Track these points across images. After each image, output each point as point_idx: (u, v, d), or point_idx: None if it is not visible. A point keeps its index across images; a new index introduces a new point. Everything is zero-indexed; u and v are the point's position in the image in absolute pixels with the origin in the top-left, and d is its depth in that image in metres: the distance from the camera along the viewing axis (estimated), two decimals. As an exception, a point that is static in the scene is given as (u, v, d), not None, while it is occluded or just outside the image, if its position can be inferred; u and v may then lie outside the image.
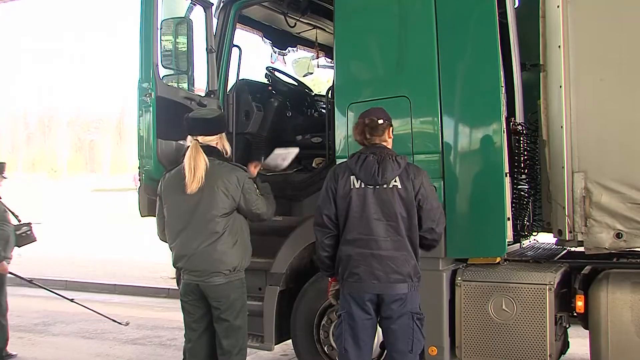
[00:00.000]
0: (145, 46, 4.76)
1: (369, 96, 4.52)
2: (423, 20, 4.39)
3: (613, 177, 4.06)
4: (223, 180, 3.93)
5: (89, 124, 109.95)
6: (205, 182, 3.89)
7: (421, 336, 3.69)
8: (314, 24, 6.20)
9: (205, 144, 4.00)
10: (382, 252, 3.61)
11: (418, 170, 3.72)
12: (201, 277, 3.97)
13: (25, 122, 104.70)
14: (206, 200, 3.92)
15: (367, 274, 3.62)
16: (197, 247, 3.94)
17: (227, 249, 3.95)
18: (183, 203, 3.98)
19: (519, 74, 4.57)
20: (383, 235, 3.62)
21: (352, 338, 3.69)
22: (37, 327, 7.72)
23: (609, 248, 4.11)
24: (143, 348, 6.70)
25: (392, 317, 3.63)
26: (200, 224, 3.94)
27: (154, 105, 4.68)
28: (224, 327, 4.03)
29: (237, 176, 3.98)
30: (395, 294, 3.61)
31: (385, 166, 3.64)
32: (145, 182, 4.82)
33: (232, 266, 3.97)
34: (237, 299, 4.05)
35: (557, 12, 4.17)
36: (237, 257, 3.99)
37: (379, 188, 3.64)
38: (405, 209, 3.63)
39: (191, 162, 3.90)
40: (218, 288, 3.97)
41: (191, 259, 3.97)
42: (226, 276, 3.96)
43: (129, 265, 12.12)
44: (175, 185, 4.00)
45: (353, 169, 3.70)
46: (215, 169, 3.95)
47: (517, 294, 4.21)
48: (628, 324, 4.03)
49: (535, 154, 4.60)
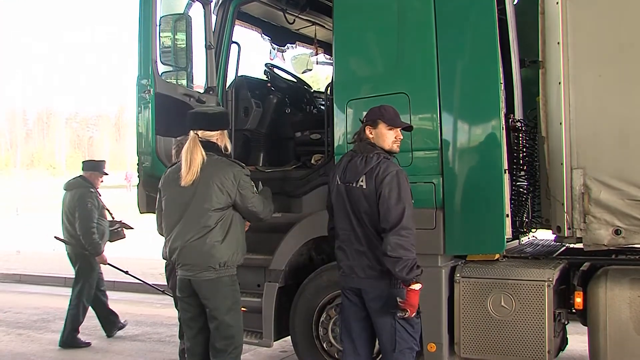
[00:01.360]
0: (144, 43, 4.76)
1: (367, 93, 4.52)
2: (422, 16, 4.38)
3: (612, 174, 4.06)
4: (219, 175, 3.91)
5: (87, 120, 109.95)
6: (200, 175, 3.87)
7: (408, 335, 3.64)
8: (313, 20, 6.19)
9: (205, 139, 3.98)
10: (360, 248, 3.70)
11: (385, 170, 3.60)
12: (192, 272, 3.94)
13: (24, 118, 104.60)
14: (200, 193, 3.89)
15: (348, 268, 3.75)
16: (188, 239, 3.92)
17: (216, 243, 3.91)
18: (178, 196, 3.97)
19: (518, 70, 4.56)
20: (359, 231, 3.69)
21: (346, 330, 3.82)
22: (36, 324, 7.72)
23: (607, 244, 4.11)
24: (142, 344, 6.70)
25: (373, 314, 3.70)
26: (193, 217, 3.92)
27: (153, 101, 4.69)
28: (214, 325, 3.97)
29: (233, 172, 3.95)
30: (372, 290, 3.67)
31: (354, 165, 3.71)
32: (144, 179, 4.83)
33: (221, 261, 3.92)
34: (227, 296, 3.99)
35: (556, 8, 4.16)
36: (226, 252, 3.94)
37: (349, 186, 3.72)
38: (369, 207, 3.64)
39: (188, 155, 3.88)
40: (207, 283, 3.92)
41: (182, 251, 3.95)
42: (216, 271, 3.91)
43: (128, 261, 12.09)
44: (173, 179, 4.00)
45: (337, 167, 3.85)
46: (212, 163, 3.92)
47: (516, 291, 4.21)
48: (627, 321, 4.03)
49: (534, 150, 4.59)
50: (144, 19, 4.75)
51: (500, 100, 4.19)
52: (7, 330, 7.41)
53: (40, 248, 14.44)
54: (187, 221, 3.94)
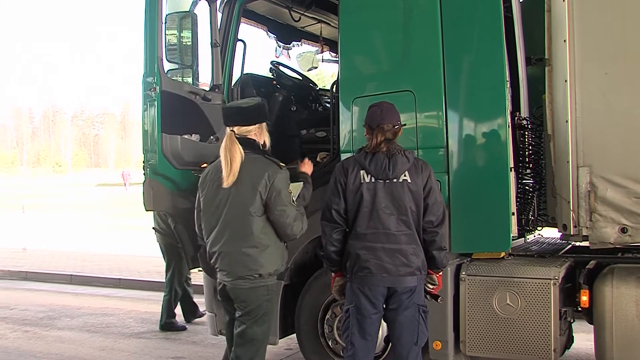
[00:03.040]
0: (149, 40, 4.76)
1: (373, 90, 4.51)
2: (428, 14, 4.37)
3: (618, 172, 4.05)
4: (256, 175, 3.68)
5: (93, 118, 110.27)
6: (240, 176, 3.66)
7: (425, 329, 3.72)
8: (319, 18, 6.18)
9: (242, 136, 3.74)
10: (393, 246, 3.63)
11: (425, 165, 3.75)
12: (229, 278, 3.77)
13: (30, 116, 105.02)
14: (239, 196, 3.67)
15: (378, 268, 3.64)
16: (225, 245, 3.73)
17: (256, 254, 3.69)
18: (217, 197, 3.76)
19: (524, 68, 4.56)
20: (394, 229, 3.64)
21: (359, 332, 3.70)
22: (42, 321, 7.75)
23: (613, 243, 4.11)
24: (147, 342, 6.72)
25: (399, 309, 3.65)
26: (231, 221, 3.71)
27: (158, 99, 4.68)
28: (239, 331, 3.79)
29: (268, 171, 3.70)
30: (405, 287, 3.64)
31: (395, 161, 3.66)
32: (150, 177, 4.82)
33: (260, 272, 3.70)
34: (260, 305, 3.77)
35: (562, 5, 4.15)
36: (267, 263, 3.72)
37: (389, 182, 3.65)
38: (414, 202, 3.66)
39: (227, 154, 3.66)
40: (242, 291, 3.75)
41: (220, 257, 3.78)
42: (251, 281, 3.71)
43: (134, 259, 12.14)
44: (213, 178, 3.79)
45: (362, 164, 3.71)
46: (250, 162, 3.70)
47: (522, 289, 4.20)
48: (633, 319, 4.03)
49: (540, 148, 4.58)
50: (149, 17, 4.75)
51: (506, 98, 4.19)
52: (13, 327, 7.44)
53: (46, 245, 14.51)
54: (225, 225, 3.74)
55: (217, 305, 5.19)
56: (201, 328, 7.04)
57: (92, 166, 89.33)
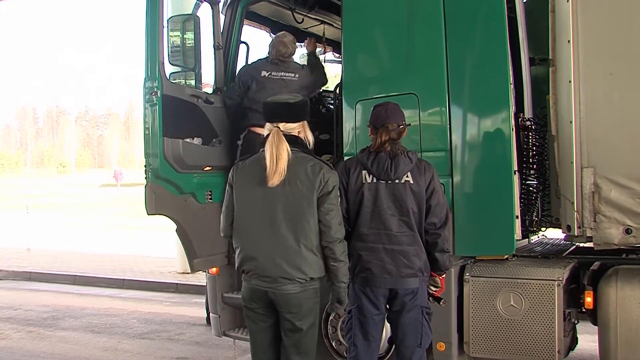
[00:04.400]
0: (151, 44, 4.74)
1: (377, 93, 4.51)
2: (431, 15, 4.37)
3: (622, 173, 4.04)
4: (308, 175, 3.41)
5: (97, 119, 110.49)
6: (289, 175, 3.39)
7: (429, 331, 3.71)
8: (322, 19, 6.18)
9: (287, 132, 3.49)
10: (395, 247, 3.63)
11: (428, 166, 3.73)
12: (273, 284, 3.43)
13: (34, 117, 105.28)
14: (288, 196, 3.41)
15: (379, 269, 3.63)
16: (272, 249, 3.42)
17: (310, 255, 3.42)
18: (261, 197, 3.45)
19: (528, 68, 4.54)
20: (396, 230, 3.63)
21: (362, 333, 3.70)
22: (46, 322, 7.77)
23: (618, 244, 4.09)
24: (151, 342, 6.73)
25: (402, 310, 3.65)
26: (279, 223, 3.42)
27: (160, 103, 4.67)
28: (293, 340, 3.48)
29: (323, 171, 3.44)
30: (407, 288, 3.63)
31: (398, 161, 3.64)
32: (152, 181, 4.80)
33: (311, 275, 3.44)
34: (312, 310, 3.52)
35: (566, 6, 4.14)
36: (317, 266, 3.46)
37: (391, 183, 3.65)
38: (416, 204, 3.65)
39: (273, 151, 3.38)
40: (290, 297, 3.43)
41: (263, 262, 3.45)
42: (302, 285, 3.43)
43: (138, 260, 12.16)
44: (253, 177, 3.48)
45: (365, 164, 3.70)
46: (299, 161, 3.43)
47: (526, 290, 4.20)
48: (637, 320, 4.02)
49: (544, 149, 4.57)
50: (150, 20, 4.74)
51: (510, 99, 4.18)
52: (17, 327, 7.46)
53: (50, 246, 14.53)
54: (271, 228, 3.43)
55: (220, 306, 5.19)
56: (204, 329, 7.05)
57: (95, 167, 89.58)
